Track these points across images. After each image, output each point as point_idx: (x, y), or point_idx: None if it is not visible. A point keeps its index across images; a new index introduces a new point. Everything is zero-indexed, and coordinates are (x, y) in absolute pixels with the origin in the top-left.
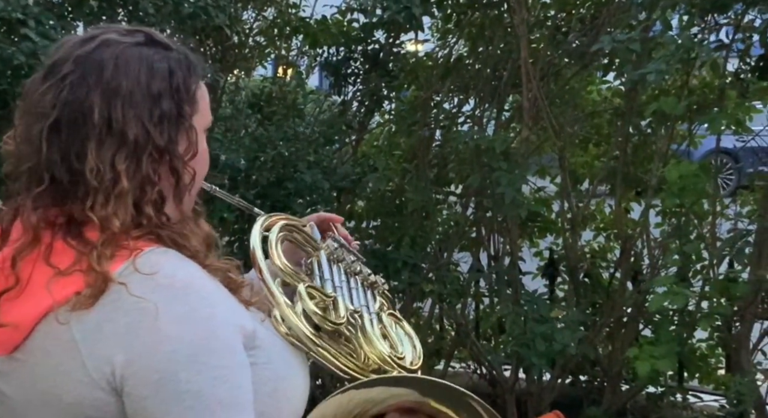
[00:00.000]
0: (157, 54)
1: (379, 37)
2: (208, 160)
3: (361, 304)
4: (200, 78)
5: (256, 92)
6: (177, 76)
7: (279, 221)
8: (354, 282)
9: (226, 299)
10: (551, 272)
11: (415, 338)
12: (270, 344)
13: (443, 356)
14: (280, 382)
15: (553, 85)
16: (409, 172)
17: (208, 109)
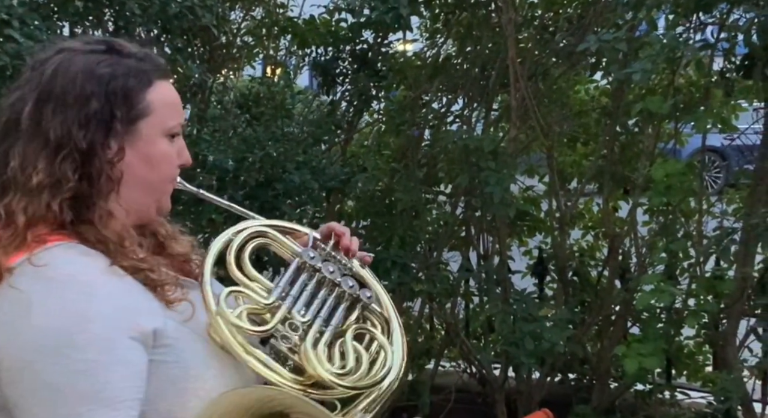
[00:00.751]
0: (105, 60)
1: (367, 37)
2: (172, 163)
3: (320, 316)
4: (149, 84)
5: (245, 92)
6: (117, 81)
7: (261, 227)
8: (326, 293)
9: (120, 297)
10: (540, 270)
11: (387, 355)
12: (184, 344)
13: (433, 355)
14: (192, 381)
15: (541, 85)
16: (399, 171)
17: (173, 113)
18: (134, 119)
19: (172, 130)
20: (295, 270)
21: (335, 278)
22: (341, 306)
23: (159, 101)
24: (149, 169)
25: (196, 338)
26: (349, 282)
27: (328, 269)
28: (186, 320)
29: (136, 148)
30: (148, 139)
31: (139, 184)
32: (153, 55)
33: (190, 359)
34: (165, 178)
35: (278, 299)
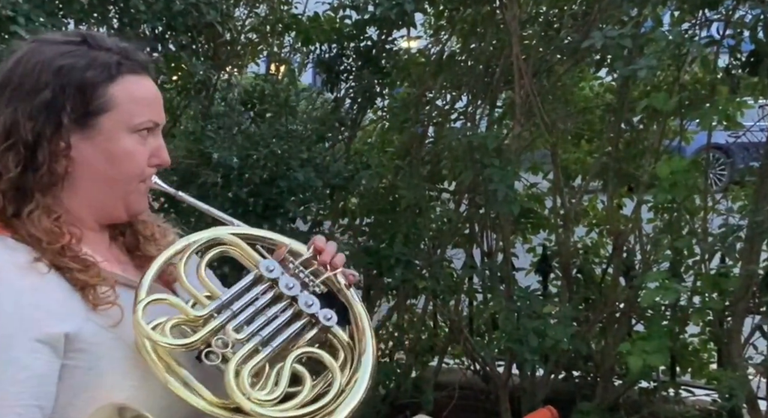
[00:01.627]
0: (71, 52)
1: (371, 34)
2: (137, 161)
3: (259, 335)
4: (112, 77)
5: (249, 90)
6: (74, 73)
7: (224, 235)
8: (278, 310)
9: (29, 295)
10: (544, 268)
11: (336, 386)
12: (103, 350)
13: (436, 352)
14: (105, 391)
15: (545, 82)
16: (402, 169)
17: (141, 110)
18: (93, 113)
19: (139, 127)
20: (251, 282)
21: (293, 293)
22: (293, 326)
23: (124, 96)
24: (109, 166)
25: (118, 346)
26: (308, 300)
27: (285, 284)
28: (113, 325)
29: (95, 143)
30: (110, 134)
31: (99, 181)
32: (131, 49)
33: (107, 367)
34: (128, 177)
35: (214, 311)
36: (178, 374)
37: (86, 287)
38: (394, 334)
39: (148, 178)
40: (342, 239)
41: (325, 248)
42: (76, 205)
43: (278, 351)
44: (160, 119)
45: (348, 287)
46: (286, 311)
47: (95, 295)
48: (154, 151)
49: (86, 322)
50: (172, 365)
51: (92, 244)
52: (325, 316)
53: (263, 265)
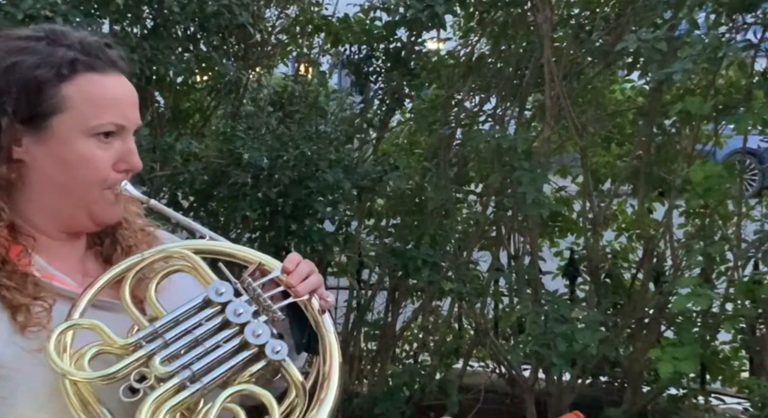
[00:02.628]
0: (24, 49)
1: (401, 36)
2: (95, 167)
3: (189, 368)
4: (64, 76)
5: (278, 90)
6: (20, 72)
7: (182, 250)
8: (220, 339)
9: None
10: (572, 272)
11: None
12: (22, 377)
13: (461, 354)
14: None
15: (576, 84)
16: (430, 170)
17: (99, 112)
18: (44, 115)
19: (97, 130)
20: (198, 306)
21: (241, 320)
22: (236, 358)
23: (78, 97)
24: (64, 172)
25: (38, 374)
26: (257, 329)
27: (234, 310)
28: (38, 349)
29: (48, 147)
30: (63, 138)
31: (54, 188)
32: (95, 45)
33: (23, 397)
34: (86, 184)
35: (144, 339)
36: (95, 412)
37: (16, 307)
38: (418, 335)
39: (114, 185)
40: (368, 239)
41: (292, 269)
42: (32, 213)
43: (214, 387)
44: (126, 121)
45: (322, 312)
46: (231, 340)
47: (26, 316)
48: (121, 155)
49: (8, 345)
50: (89, 401)
51: (52, 254)
52: (273, 348)
53: (213, 287)
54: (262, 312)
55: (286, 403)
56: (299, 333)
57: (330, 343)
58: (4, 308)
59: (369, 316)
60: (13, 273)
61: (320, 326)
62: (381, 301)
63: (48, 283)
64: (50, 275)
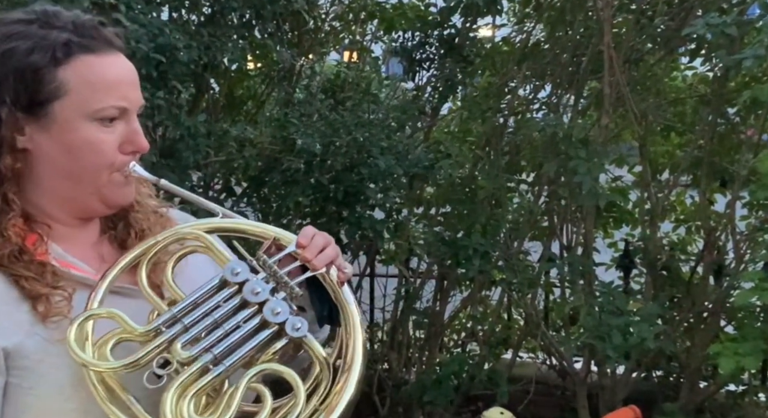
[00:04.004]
0: (17, 33)
1: (455, 22)
2: (101, 151)
3: (210, 352)
4: (60, 60)
5: (331, 77)
6: (15, 58)
7: (196, 231)
8: (240, 320)
9: None
10: (626, 263)
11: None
12: (47, 368)
13: (511, 345)
14: (44, 414)
15: (635, 72)
16: (482, 159)
17: (99, 95)
18: (43, 101)
19: (99, 114)
20: (215, 288)
21: (259, 299)
22: (257, 337)
23: (77, 80)
24: (70, 159)
25: (63, 364)
26: (276, 307)
27: (251, 289)
28: (60, 339)
29: (52, 134)
30: (65, 124)
31: (63, 175)
32: (89, 24)
33: (48, 388)
34: (94, 169)
35: (163, 325)
36: (121, 399)
37: (37, 296)
38: (466, 325)
39: (123, 167)
40: (417, 227)
41: (307, 243)
42: (44, 201)
43: (237, 367)
44: (128, 103)
45: (341, 284)
46: (250, 320)
47: (47, 305)
48: (126, 137)
49: (30, 336)
50: (115, 389)
51: (68, 241)
52: (293, 326)
53: (228, 267)
54: (280, 289)
55: (311, 379)
56: (320, 306)
57: (351, 314)
58: (25, 299)
59: (418, 304)
60: (30, 263)
61: (340, 298)
62: (429, 289)
63: (66, 271)
64: (68, 263)
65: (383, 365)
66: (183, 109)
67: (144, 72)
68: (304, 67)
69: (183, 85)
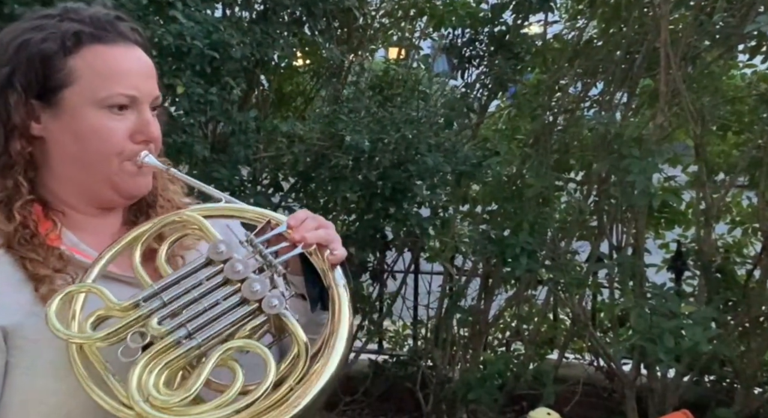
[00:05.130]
0: (37, 26)
1: (506, 19)
2: (109, 139)
3: (184, 327)
4: (70, 49)
5: (379, 74)
6: (29, 48)
7: (189, 215)
8: (220, 296)
9: None
10: (679, 265)
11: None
12: (42, 349)
13: (557, 345)
14: (36, 394)
15: (691, 69)
16: (530, 157)
17: (107, 83)
18: (54, 89)
19: (107, 102)
20: (200, 265)
21: (240, 276)
22: (235, 314)
23: (86, 68)
24: (78, 146)
25: (59, 344)
26: (254, 285)
27: (231, 266)
28: None
29: (62, 121)
30: (74, 111)
31: (73, 162)
32: (105, 17)
33: (42, 368)
34: (102, 157)
35: (142, 299)
36: (99, 374)
37: (39, 278)
38: (511, 324)
39: (133, 156)
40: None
41: (297, 225)
42: (59, 189)
43: (213, 344)
44: (137, 92)
45: (332, 266)
46: (230, 297)
47: (48, 287)
48: (137, 126)
49: (29, 317)
50: (94, 365)
51: (84, 229)
52: (269, 303)
53: (212, 245)
54: (267, 268)
55: (288, 360)
56: (312, 289)
57: (339, 296)
58: (29, 281)
59: (462, 302)
60: (39, 246)
61: (328, 278)
62: (474, 287)
63: (72, 256)
64: (78, 251)
65: (427, 362)
66: (235, 105)
67: (198, 68)
68: (353, 64)
69: (235, 81)
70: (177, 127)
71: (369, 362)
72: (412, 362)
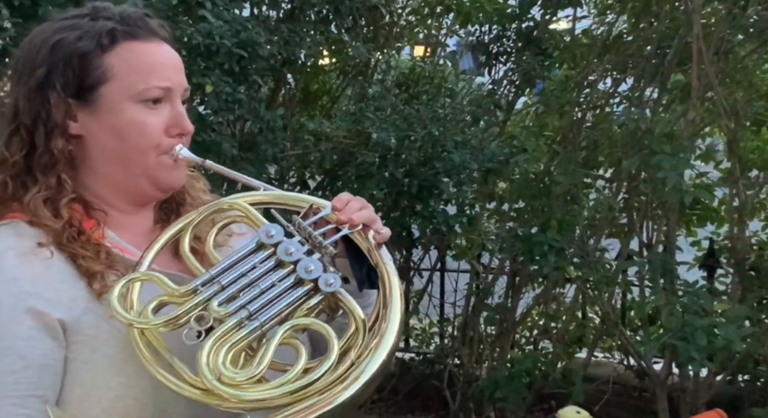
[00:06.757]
0: (69, 26)
1: (534, 14)
2: (147, 132)
3: (245, 308)
4: (106, 46)
5: (405, 72)
6: (66, 47)
7: (235, 201)
8: (275, 279)
9: (25, 283)
10: (711, 262)
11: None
12: (100, 343)
13: (585, 344)
14: (96, 388)
15: (723, 64)
16: (558, 154)
17: (144, 77)
18: (92, 86)
19: (144, 96)
20: (251, 250)
21: (293, 258)
22: (292, 295)
23: (122, 64)
24: (118, 142)
25: (115, 339)
26: (309, 265)
27: (284, 249)
28: (113, 316)
29: (100, 118)
30: (112, 107)
31: (113, 159)
32: (134, 15)
33: (101, 362)
34: (141, 150)
35: (200, 285)
36: (165, 359)
37: (92, 274)
38: (539, 322)
39: (169, 149)
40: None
41: (342, 206)
42: (99, 187)
43: (273, 324)
44: (172, 83)
45: (378, 246)
46: (285, 279)
47: (101, 283)
48: (172, 120)
49: (86, 312)
50: (158, 350)
51: (123, 228)
52: (326, 281)
53: (263, 230)
54: (316, 250)
55: (346, 336)
56: (359, 271)
57: (388, 272)
58: (82, 277)
59: (489, 300)
60: (87, 243)
61: (375, 257)
62: (501, 285)
63: (118, 254)
64: (122, 248)
65: (454, 360)
66: (262, 104)
67: (227, 67)
68: (380, 61)
69: (262, 79)
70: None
71: (396, 360)
72: (438, 360)
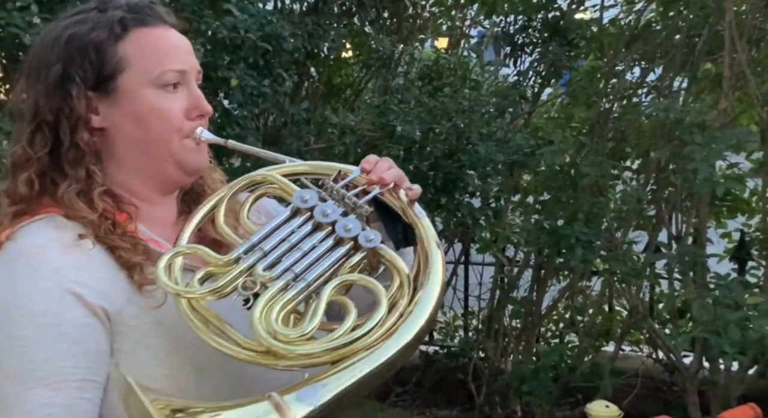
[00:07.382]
0: (79, 20)
1: (561, 4)
2: (168, 116)
3: (291, 270)
4: (119, 35)
5: (429, 64)
6: (80, 40)
7: (264, 174)
8: (315, 241)
9: (70, 273)
10: (743, 255)
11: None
12: (141, 335)
13: (613, 337)
14: (140, 381)
15: (755, 52)
16: (585, 145)
17: (158, 61)
18: (110, 76)
19: (161, 80)
20: (288, 217)
21: (330, 220)
22: (334, 254)
23: (136, 51)
24: (140, 129)
25: (157, 331)
26: (347, 224)
27: (321, 211)
28: (155, 307)
29: (121, 107)
30: (132, 95)
31: (138, 147)
32: (141, 3)
33: (143, 353)
34: (164, 135)
35: (243, 252)
36: (217, 327)
37: (132, 266)
38: (564, 315)
39: (191, 132)
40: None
41: (371, 168)
42: (127, 178)
43: (319, 284)
44: (186, 66)
45: (411, 203)
46: (325, 240)
47: (141, 275)
48: (191, 103)
49: (128, 304)
50: (209, 319)
51: (151, 220)
52: (366, 238)
53: (297, 196)
54: (350, 211)
55: (392, 291)
56: (394, 231)
57: (424, 227)
58: (121, 268)
59: (514, 293)
60: (124, 235)
61: (410, 214)
62: (526, 278)
63: (153, 248)
64: (155, 241)
65: (479, 353)
66: (287, 97)
67: (251, 60)
68: (403, 54)
69: (287, 73)
70: (231, 121)
71: (420, 353)
72: (463, 354)
